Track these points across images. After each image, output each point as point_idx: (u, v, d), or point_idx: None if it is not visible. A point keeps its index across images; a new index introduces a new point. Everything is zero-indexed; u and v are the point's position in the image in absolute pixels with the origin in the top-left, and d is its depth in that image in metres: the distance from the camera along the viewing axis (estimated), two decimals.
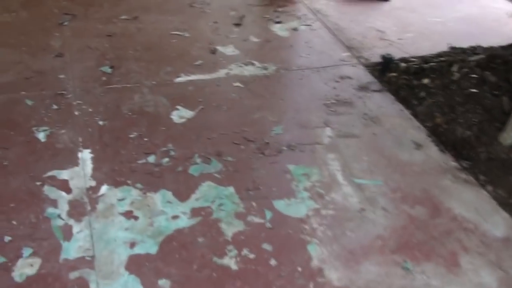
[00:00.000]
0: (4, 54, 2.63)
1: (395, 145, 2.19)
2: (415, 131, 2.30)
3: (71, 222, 1.68)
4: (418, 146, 2.21)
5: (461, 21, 3.47)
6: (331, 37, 3.15)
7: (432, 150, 2.18)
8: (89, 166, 1.92)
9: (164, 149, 2.05)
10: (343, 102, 2.47)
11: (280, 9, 3.48)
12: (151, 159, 1.98)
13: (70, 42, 2.81)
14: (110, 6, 3.25)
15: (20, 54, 2.65)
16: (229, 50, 2.93)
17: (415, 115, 2.41)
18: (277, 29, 3.21)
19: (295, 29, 3.23)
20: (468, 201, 1.91)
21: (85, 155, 1.97)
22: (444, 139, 2.24)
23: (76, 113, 2.25)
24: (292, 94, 2.54)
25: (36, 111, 2.23)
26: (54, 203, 1.74)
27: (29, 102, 2.29)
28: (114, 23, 3.07)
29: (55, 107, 2.27)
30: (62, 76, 2.51)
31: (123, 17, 3.15)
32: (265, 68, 2.76)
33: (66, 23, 2.99)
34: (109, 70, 2.59)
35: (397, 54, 2.86)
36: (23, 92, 2.35)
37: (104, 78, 2.52)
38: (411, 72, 2.69)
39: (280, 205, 1.83)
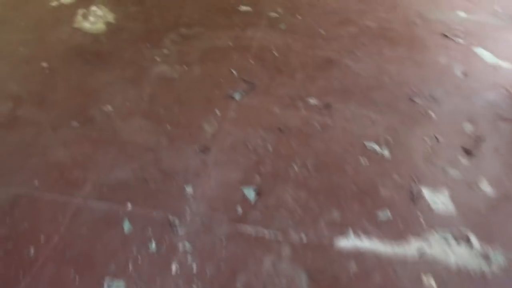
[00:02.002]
0: (139, 130, 2.33)
1: None
2: None
3: None
4: None
5: None
6: None
7: None
8: None
9: None
10: None
11: None
12: None
13: (226, 131, 2.39)
14: (303, 79, 2.73)
15: (158, 135, 2.33)
16: (439, 200, 2.14)
17: None
18: None
19: None
20: None
21: None
22: None
23: (173, 268, 1.81)
24: None
25: (126, 246, 1.85)
26: None
27: (126, 228, 1.93)
28: (297, 108, 2.55)
29: (153, 247, 1.87)
30: (189, 190, 2.09)
31: (312, 100, 2.60)
32: (486, 257, 1.91)
33: (237, 97, 2.59)
34: (252, 196, 2.08)
35: None
36: (129, 205, 2.01)
37: (239, 210, 2.02)
38: None
39: None
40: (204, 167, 2.12)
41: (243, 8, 3.19)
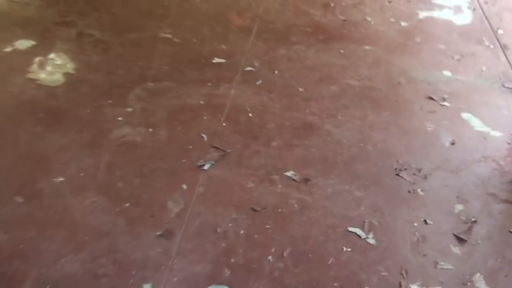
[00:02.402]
0: (93, 209, 2.06)
1: None
2: None
3: None
4: None
5: None
6: None
7: None
8: None
9: None
10: None
11: None
12: None
13: (194, 210, 2.14)
14: (280, 147, 2.51)
15: (114, 215, 2.05)
16: None
17: None
18: None
19: None
20: None
21: None
22: None
23: None
24: None
25: None
26: None
27: None
28: (273, 182, 2.32)
29: None
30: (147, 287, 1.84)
31: (289, 173, 2.38)
32: None
33: (206, 167, 2.35)
34: None
35: None
36: None
37: None
38: None
39: None
40: (166, 258, 1.86)
41: (217, 60, 2.98)
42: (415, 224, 2.14)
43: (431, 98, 2.93)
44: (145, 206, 2.06)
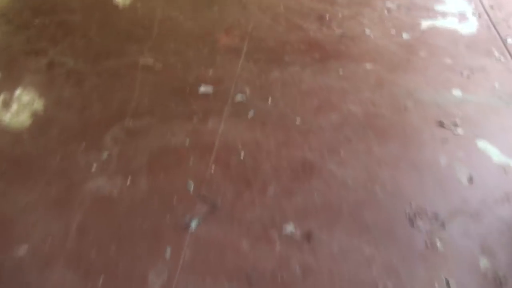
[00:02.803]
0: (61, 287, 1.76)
1: None
2: None
3: None
4: None
5: None
6: None
7: None
8: None
9: None
10: None
11: None
12: None
13: (179, 283, 1.82)
14: (277, 194, 2.19)
15: None
16: None
17: None
18: None
19: None
20: None
21: None
22: None
23: None
24: None
25: None
26: None
27: None
28: (271, 241, 2.00)
29: None
30: None
31: (289, 227, 2.06)
32: None
33: (193, 225, 2.02)
34: None
35: None
36: None
37: None
38: None
39: None
40: None
41: (204, 88, 2.64)
42: (436, 286, 1.82)
43: (442, 125, 2.61)
44: (122, 279, 1.73)
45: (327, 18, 3.42)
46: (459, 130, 2.58)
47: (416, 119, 2.64)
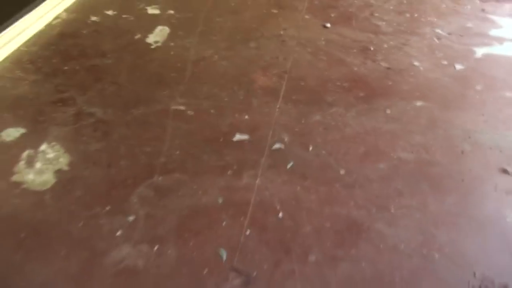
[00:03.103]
0: None
1: None
2: None
3: None
4: None
5: None
6: None
7: None
8: None
9: None
10: None
11: None
12: None
13: None
14: (319, 263, 1.93)
15: None
16: None
17: None
18: None
19: None
20: None
21: None
22: None
23: None
24: None
25: None
26: None
27: None
28: None
29: None
30: None
31: None
32: None
33: None
34: None
35: None
36: None
37: None
38: None
39: None
40: None
41: (239, 136, 2.42)
42: None
43: (506, 172, 2.28)
44: None
45: (372, 50, 3.16)
46: None
47: (476, 166, 2.34)
